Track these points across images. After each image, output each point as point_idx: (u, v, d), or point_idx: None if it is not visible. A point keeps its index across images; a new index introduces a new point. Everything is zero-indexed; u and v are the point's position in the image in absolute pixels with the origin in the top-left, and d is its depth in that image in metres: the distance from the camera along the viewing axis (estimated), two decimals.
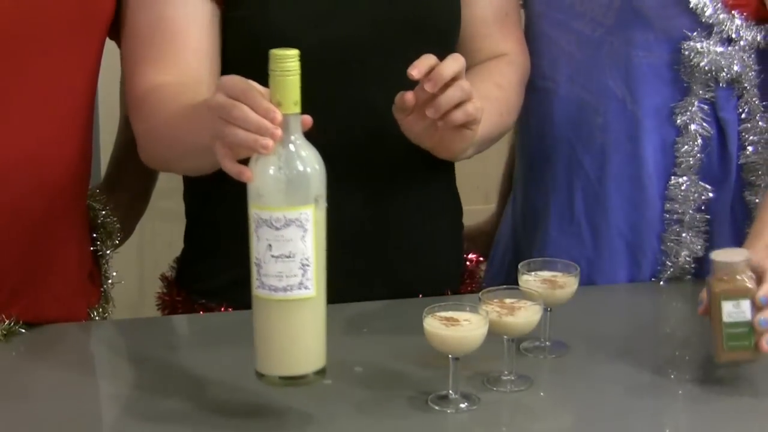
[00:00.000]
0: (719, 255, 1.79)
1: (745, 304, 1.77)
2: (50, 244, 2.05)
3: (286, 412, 1.70)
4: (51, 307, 2.06)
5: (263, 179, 1.64)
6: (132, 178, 2.35)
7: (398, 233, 2.16)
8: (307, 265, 1.64)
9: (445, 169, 2.24)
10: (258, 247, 1.64)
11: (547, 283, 1.85)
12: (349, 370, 1.80)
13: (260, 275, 1.65)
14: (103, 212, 2.18)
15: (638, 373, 1.82)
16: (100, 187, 2.25)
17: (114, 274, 2.22)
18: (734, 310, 1.77)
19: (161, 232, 2.59)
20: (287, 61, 1.63)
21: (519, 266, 1.91)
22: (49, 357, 1.95)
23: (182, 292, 2.22)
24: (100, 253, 2.17)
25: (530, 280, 1.86)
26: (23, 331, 1.98)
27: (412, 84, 1.90)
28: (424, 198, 2.14)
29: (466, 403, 1.73)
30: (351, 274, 2.04)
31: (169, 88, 1.97)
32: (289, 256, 1.63)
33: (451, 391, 1.73)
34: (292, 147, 1.63)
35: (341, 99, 2.08)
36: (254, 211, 1.64)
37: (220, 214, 2.00)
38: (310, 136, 1.68)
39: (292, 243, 1.63)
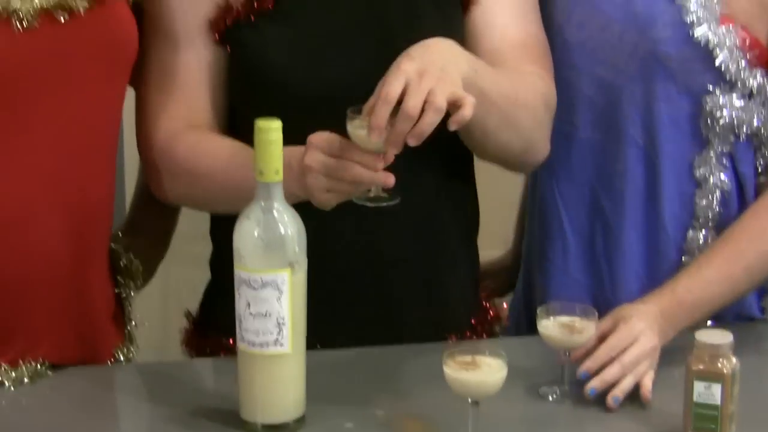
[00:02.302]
0: (703, 335, 1.78)
1: (717, 388, 1.76)
2: (75, 287, 2.04)
3: None
4: (76, 348, 2.07)
5: (244, 242, 1.71)
6: (152, 222, 2.35)
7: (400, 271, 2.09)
8: (283, 324, 1.69)
9: (462, 215, 2.19)
10: (239, 304, 1.71)
11: (565, 328, 1.87)
12: (370, 414, 1.84)
13: (241, 329, 1.72)
14: (126, 255, 2.19)
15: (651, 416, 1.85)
16: (122, 231, 2.24)
17: (138, 315, 2.23)
18: (705, 392, 1.76)
19: (184, 275, 2.60)
20: (270, 133, 1.68)
21: (538, 310, 1.92)
22: (74, 399, 1.97)
23: (206, 327, 2.24)
24: (124, 295, 2.17)
25: (549, 324, 1.88)
26: (50, 373, 2.01)
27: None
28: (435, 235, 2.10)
29: None
30: (362, 321, 2.04)
31: (190, 136, 2.00)
32: (265, 315, 1.69)
33: None
34: (274, 213, 1.68)
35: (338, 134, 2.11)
36: (236, 270, 1.71)
37: None
38: None
39: (269, 303, 1.68)
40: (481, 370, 1.74)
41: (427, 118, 1.74)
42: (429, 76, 1.78)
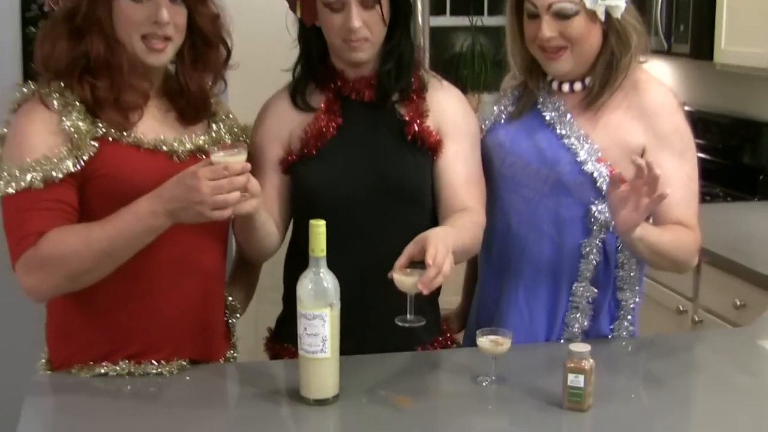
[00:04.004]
0: (574, 347, 2.11)
1: (581, 378, 2.09)
2: (203, 316, 2.39)
3: None
4: (203, 352, 2.40)
5: (302, 291, 2.11)
6: (244, 278, 2.63)
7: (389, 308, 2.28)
8: (325, 340, 2.11)
9: None
10: (299, 328, 2.11)
11: (493, 342, 2.23)
12: (377, 394, 2.20)
13: (300, 343, 2.12)
14: (230, 297, 2.53)
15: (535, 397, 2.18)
16: (227, 283, 2.53)
17: (238, 332, 2.55)
18: (575, 380, 2.10)
19: (265, 308, 2.73)
20: (317, 227, 2.09)
21: (477, 332, 2.26)
22: (202, 384, 2.32)
23: (279, 339, 2.59)
24: (230, 321, 2.53)
25: (483, 339, 2.22)
26: (188, 367, 2.35)
27: (392, 233, 2.31)
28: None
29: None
30: (362, 339, 2.38)
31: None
32: (315, 335, 2.11)
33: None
34: (320, 275, 2.10)
35: (350, 233, 2.39)
36: (298, 308, 2.12)
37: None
38: (334, 254, 2.09)
39: (317, 328, 2.11)
40: (413, 277, 2.11)
41: (440, 279, 2.10)
42: (445, 251, 2.11)
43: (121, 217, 2.16)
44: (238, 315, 2.56)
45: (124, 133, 2.25)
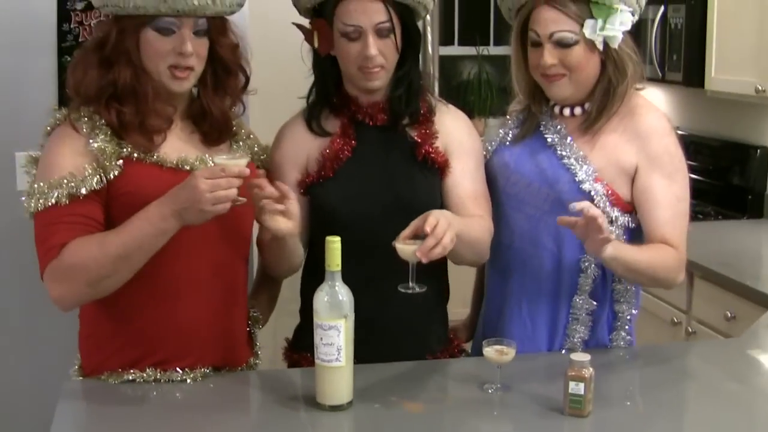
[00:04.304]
0: (574, 356, 2.16)
1: (581, 386, 2.14)
2: (227, 326, 2.45)
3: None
4: (226, 359, 2.46)
5: (319, 303, 2.16)
6: (267, 292, 2.70)
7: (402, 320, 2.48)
8: (340, 349, 2.15)
9: (440, 288, 2.61)
10: (316, 338, 2.16)
11: (498, 352, 2.28)
12: (388, 400, 2.26)
13: (317, 352, 2.17)
14: (252, 309, 2.58)
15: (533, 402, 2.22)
16: (250, 295, 2.59)
17: (259, 341, 2.60)
18: (575, 387, 2.15)
19: (284, 319, 2.78)
20: (333, 243, 2.15)
21: (483, 342, 2.31)
22: (224, 390, 2.37)
23: (297, 348, 2.64)
24: (252, 331, 2.57)
25: (488, 349, 2.28)
26: (211, 375, 2.40)
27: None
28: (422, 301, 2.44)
29: None
30: (376, 350, 2.44)
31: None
32: (331, 344, 2.16)
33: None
34: (335, 288, 2.15)
35: (366, 248, 2.44)
36: (315, 320, 2.16)
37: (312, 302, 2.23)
38: (351, 267, 2.15)
39: (332, 338, 2.15)
40: (413, 246, 2.20)
41: (438, 249, 2.20)
42: (446, 224, 2.21)
43: (133, 223, 2.23)
44: (260, 326, 2.62)
45: (148, 153, 2.33)
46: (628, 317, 2.62)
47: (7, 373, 3.29)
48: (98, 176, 2.26)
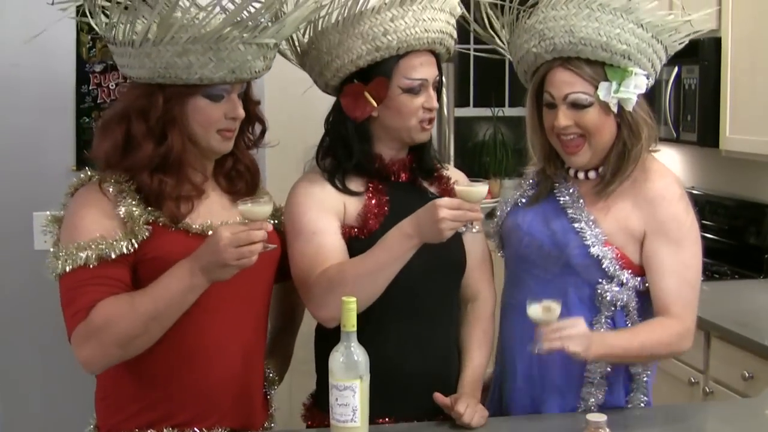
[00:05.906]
0: (591, 416, 2.16)
1: None
2: (245, 390, 2.44)
3: None
4: (244, 421, 2.44)
5: (334, 364, 2.14)
6: (281, 351, 2.71)
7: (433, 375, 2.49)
8: (356, 410, 2.14)
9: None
10: (331, 398, 2.14)
11: (545, 309, 2.30)
12: None
13: (332, 412, 2.15)
14: (268, 370, 2.58)
15: None
16: (265, 357, 2.54)
17: (275, 403, 2.59)
18: None
19: (299, 380, 2.78)
20: (348, 304, 2.12)
21: (527, 300, 2.32)
22: None
23: (315, 409, 2.60)
24: (268, 393, 2.56)
25: (535, 307, 2.30)
26: None
27: (437, 302, 2.49)
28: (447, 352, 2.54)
29: None
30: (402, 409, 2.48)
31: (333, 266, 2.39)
32: (346, 405, 2.14)
33: None
34: (351, 349, 2.13)
35: (406, 304, 2.48)
36: (330, 380, 2.14)
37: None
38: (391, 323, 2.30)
39: (348, 398, 2.13)
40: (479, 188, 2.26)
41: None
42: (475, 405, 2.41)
43: (162, 281, 2.22)
44: (275, 387, 2.61)
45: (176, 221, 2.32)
46: (645, 379, 2.59)
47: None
48: (128, 241, 2.25)
